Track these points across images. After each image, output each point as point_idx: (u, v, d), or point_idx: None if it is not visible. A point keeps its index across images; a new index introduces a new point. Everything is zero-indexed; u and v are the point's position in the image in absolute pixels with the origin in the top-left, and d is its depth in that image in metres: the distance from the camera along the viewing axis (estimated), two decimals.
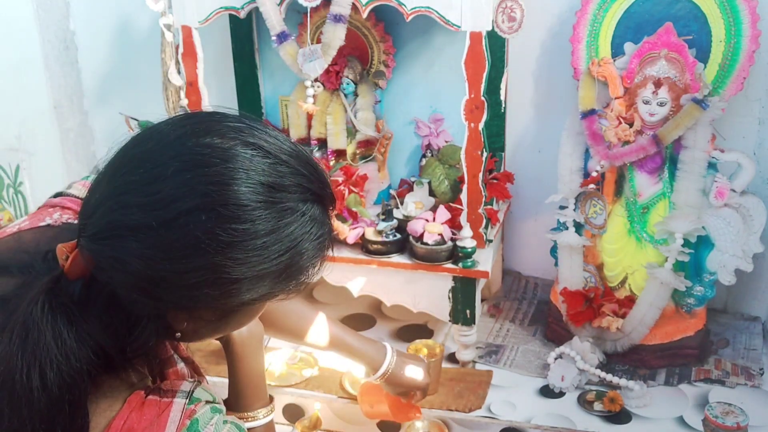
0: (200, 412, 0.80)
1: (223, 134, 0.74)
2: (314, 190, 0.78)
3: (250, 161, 0.73)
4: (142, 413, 0.78)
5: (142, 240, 0.71)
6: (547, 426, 1.54)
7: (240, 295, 0.75)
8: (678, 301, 1.70)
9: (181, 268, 0.72)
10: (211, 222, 0.71)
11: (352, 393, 1.65)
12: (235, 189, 0.71)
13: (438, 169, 1.81)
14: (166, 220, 0.71)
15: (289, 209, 0.75)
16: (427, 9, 1.51)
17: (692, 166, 1.60)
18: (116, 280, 0.74)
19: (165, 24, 1.76)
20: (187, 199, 0.71)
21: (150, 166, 0.73)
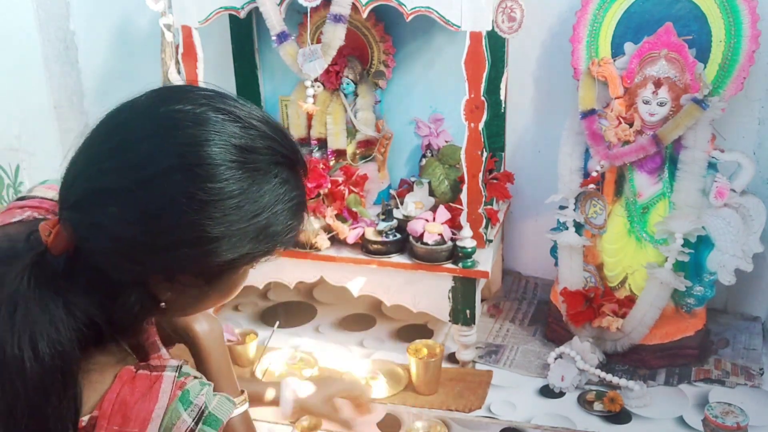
0: (190, 384, 0.82)
1: (194, 101, 0.77)
2: (285, 153, 0.80)
3: (222, 125, 0.76)
4: (134, 386, 0.79)
5: (120, 203, 0.73)
6: (547, 426, 1.54)
7: (219, 255, 0.76)
8: (678, 301, 1.70)
9: (159, 227, 0.74)
10: (187, 181, 0.73)
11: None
12: (207, 150, 0.74)
13: (438, 169, 1.81)
14: (143, 181, 0.73)
15: (261, 170, 0.77)
16: (427, 9, 1.51)
17: (692, 166, 1.60)
18: (98, 248, 0.75)
19: (165, 24, 1.76)
20: (162, 160, 0.73)
21: (124, 132, 0.76)
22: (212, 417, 0.82)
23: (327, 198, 1.74)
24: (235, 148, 0.75)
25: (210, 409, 0.82)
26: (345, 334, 1.92)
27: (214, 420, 0.82)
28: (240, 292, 1.78)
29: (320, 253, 1.71)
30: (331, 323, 1.97)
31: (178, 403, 0.80)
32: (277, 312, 2.01)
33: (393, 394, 1.65)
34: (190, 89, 0.80)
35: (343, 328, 1.95)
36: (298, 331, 1.93)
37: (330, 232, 1.71)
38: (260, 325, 1.95)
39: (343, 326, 1.95)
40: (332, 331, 1.93)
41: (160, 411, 0.78)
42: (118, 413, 0.77)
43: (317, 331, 1.93)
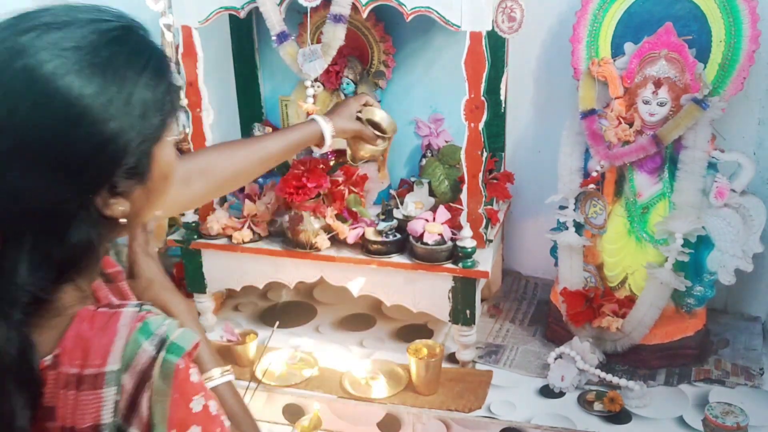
0: (151, 318, 0.81)
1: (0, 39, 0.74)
2: (114, 26, 0.78)
3: (40, 40, 0.73)
4: (93, 322, 0.79)
5: (16, 163, 0.73)
6: (547, 426, 1.54)
7: (127, 146, 0.76)
8: (678, 301, 1.70)
9: (64, 158, 0.74)
10: (53, 107, 0.72)
11: (352, 393, 1.65)
12: (48, 69, 0.72)
13: (438, 169, 1.81)
14: (18, 132, 0.72)
15: (104, 56, 0.75)
16: (427, 9, 1.50)
17: (692, 166, 1.60)
18: (24, 215, 0.75)
19: (165, 24, 1.76)
20: (19, 105, 0.72)
21: None
22: (175, 345, 0.80)
23: (327, 198, 1.75)
24: (69, 51, 0.74)
25: (172, 339, 0.80)
26: (345, 334, 1.92)
27: (177, 348, 0.80)
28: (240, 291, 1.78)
29: (320, 253, 1.71)
30: (331, 323, 1.97)
31: (138, 334, 0.78)
32: (276, 310, 2.01)
33: (393, 394, 1.65)
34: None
35: (343, 328, 1.95)
36: (298, 331, 1.93)
37: (330, 232, 1.71)
38: (260, 325, 1.95)
39: (343, 326, 1.95)
40: (332, 331, 1.93)
41: (120, 342, 0.77)
42: (78, 348, 0.77)
43: (317, 331, 1.93)
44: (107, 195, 0.78)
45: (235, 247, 1.76)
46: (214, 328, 1.93)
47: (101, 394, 0.77)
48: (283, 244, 1.76)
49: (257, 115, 2.03)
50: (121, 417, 0.77)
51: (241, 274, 1.83)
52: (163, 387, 0.78)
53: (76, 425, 0.77)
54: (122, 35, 0.79)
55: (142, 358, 0.78)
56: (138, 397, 0.77)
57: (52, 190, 0.75)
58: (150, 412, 0.78)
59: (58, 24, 0.75)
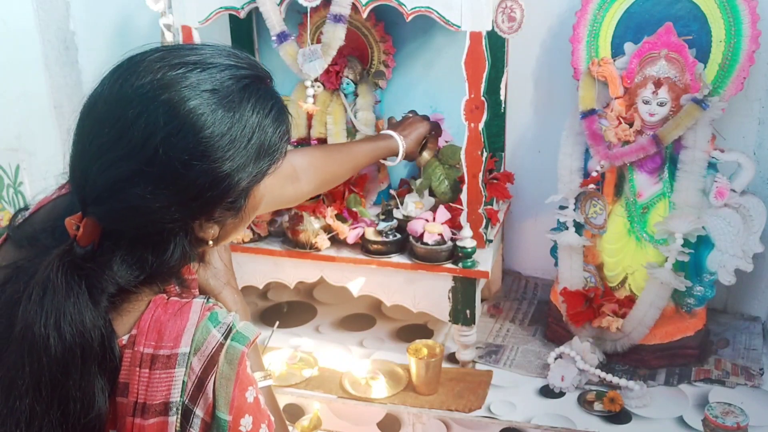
0: (218, 309, 0.90)
1: (150, 69, 0.83)
2: (247, 74, 0.88)
3: (185, 78, 0.83)
4: (166, 308, 0.88)
5: (139, 183, 0.81)
6: (547, 426, 1.54)
7: (238, 185, 0.86)
8: (678, 301, 1.70)
9: (181, 186, 0.82)
10: (183, 142, 0.81)
11: (352, 393, 1.65)
12: (186, 106, 0.82)
13: (438, 169, 1.81)
14: (149, 157, 0.81)
15: (235, 100, 0.85)
16: (427, 9, 1.50)
17: (692, 166, 1.60)
18: (135, 224, 0.84)
19: (165, 24, 1.76)
20: (154, 135, 0.81)
21: (111, 123, 0.82)
22: (239, 334, 0.89)
23: (327, 198, 1.75)
24: (207, 93, 0.83)
25: (238, 329, 0.89)
26: (345, 334, 1.92)
27: (241, 337, 0.88)
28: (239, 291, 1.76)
29: (320, 253, 1.71)
30: (331, 323, 1.97)
31: (207, 321, 0.87)
32: (280, 308, 2.02)
33: (393, 394, 1.65)
34: (139, 59, 0.86)
35: (343, 328, 1.95)
36: (298, 331, 1.93)
37: (330, 232, 1.71)
38: (260, 325, 1.95)
39: (343, 326, 1.95)
40: (332, 331, 1.93)
41: (191, 327, 0.86)
42: (153, 330, 0.85)
43: (317, 331, 1.93)
44: (204, 220, 0.89)
45: (235, 247, 1.76)
46: None
47: (173, 373, 0.85)
48: (283, 244, 1.76)
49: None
50: (188, 397, 0.85)
51: (241, 274, 1.83)
52: (228, 371, 0.86)
53: (147, 401, 0.84)
54: (252, 83, 0.89)
55: (210, 343, 0.86)
56: (205, 380, 0.85)
57: (163, 211, 0.83)
58: (214, 396, 0.86)
59: (202, 65, 0.85)
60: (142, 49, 0.88)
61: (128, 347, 0.85)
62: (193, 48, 0.88)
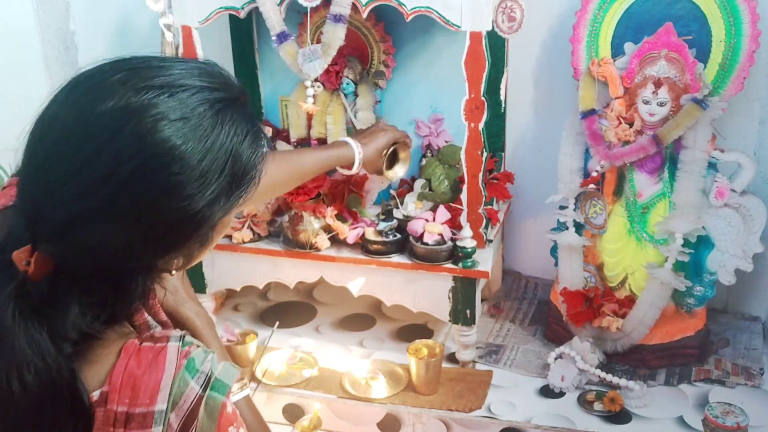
0: (195, 352, 0.83)
1: (113, 93, 0.75)
2: (220, 97, 0.79)
3: (152, 106, 0.74)
4: (139, 359, 0.80)
5: (99, 222, 0.74)
6: (547, 426, 1.54)
7: (209, 219, 0.79)
8: (678, 301, 1.70)
9: (147, 225, 0.76)
10: (150, 177, 0.74)
11: (352, 393, 1.65)
12: (153, 139, 0.74)
13: (438, 169, 1.81)
14: (112, 195, 0.73)
15: (207, 128, 0.77)
16: (427, 9, 1.50)
17: (692, 166, 1.60)
18: (91, 263, 0.77)
19: (165, 24, 1.76)
20: (118, 171, 0.73)
21: (67, 155, 0.74)
22: (219, 382, 0.83)
23: (327, 198, 1.74)
24: (178, 122, 0.75)
25: (216, 375, 0.83)
26: (345, 334, 1.92)
27: (221, 385, 0.83)
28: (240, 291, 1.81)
29: (320, 253, 1.71)
30: (331, 323, 1.97)
31: (184, 372, 0.81)
32: (278, 311, 2.02)
33: (393, 394, 1.65)
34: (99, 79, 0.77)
35: (343, 328, 1.95)
36: (298, 331, 1.93)
37: (330, 232, 1.71)
38: (260, 325, 1.95)
39: (343, 326, 1.95)
40: (332, 331, 1.93)
41: (168, 380, 0.79)
42: (127, 386, 0.79)
43: (317, 331, 1.93)
44: (169, 255, 0.82)
45: (235, 247, 1.76)
46: None
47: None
48: (283, 244, 1.76)
49: (257, 115, 2.02)
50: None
51: (241, 274, 1.83)
52: (208, 425, 0.81)
53: None
54: (226, 107, 0.80)
55: (189, 397, 0.80)
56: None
57: (126, 251, 0.76)
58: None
59: (171, 89, 0.76)
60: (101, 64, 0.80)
61: (100, 405, 0.79)
62: (161, 67, 0.79)
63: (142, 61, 0.80)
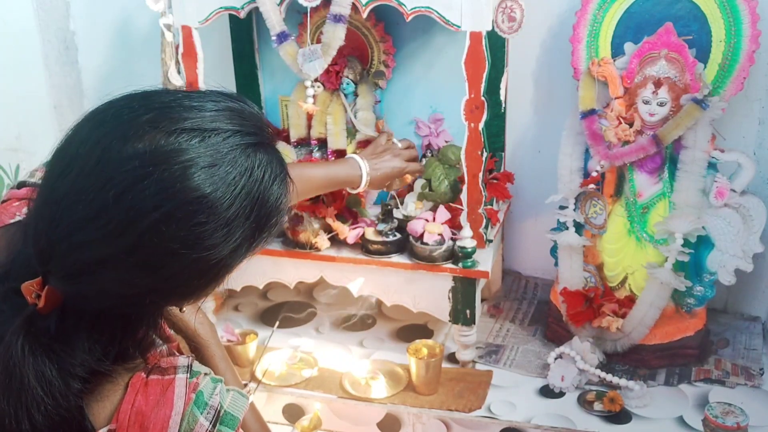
0: (203, 384, 0.81)
1: (141, 135, 0.71)
2: (251, 141, 0.76)
3: (183, 152, 0.70)
4: (147, 394, 0.78)
5: (116, 269, 0.71)
6: (547, 426, 1.54)
7: (228, 269, 0.77)
8: (678, 301, 1.70)
9: (165, 276, 0.72)
10: (173, 228, 0.70)
11: (352, 393, 1.65)
12: (182, 187, 0.70)
13: (438, 169, 1.81)
14: (130, 245, 0.70)
15: (237, 174, 0.73)
16: (427, 9, 1.50)
17: (692, 166, 1.60)
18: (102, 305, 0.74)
19: (165, 24, 1.76)
20: (140, 219, 0.69)
21: (88, 198, 0.70)
22: (229, 416, 0.82)
23: (327, 198, 1.74)
24: (206, 171, 0.71)
25: (226, 408, 0.82)
26: (345, 334, 1.91)
27: (231, 419, 0.82)
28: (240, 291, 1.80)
29: (320, 253, 1.71)
30: (331, 323, 1.96)
31: (193, 407, 0.79)
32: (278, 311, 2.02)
33: (393, 394, 1.65)
34: (128, 117, 0.72)
35: (343, 328, 1.95)
36: (298, 331, 1.93)
37: (330, 232, 1.71)
38: (260, 325, 1.95)
39: (343, 326, 1.95)
40: (332, 331, 1.93)
41: (177, 417, 0.78)
42: (135, 424, 0.77)
43: (317, 331, 1.93)
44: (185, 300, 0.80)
45: None
46: None
47: None
48: (283, 244, 1.76)
49: None
50: None
51: (241, 274, 1.83)
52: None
53: None
54: (256, 151, 0.76)
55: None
56: None
57: (140, 297, 0.73)
58: None
59: (204, 132, 0.72)
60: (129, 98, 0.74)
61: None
62: (192, 108, 0.74)
63: (172, 99, 0.75)
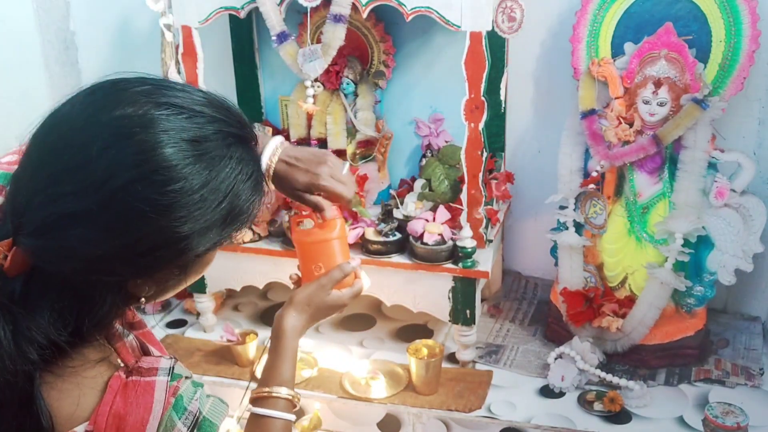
0: (183, 388, 0.81)
1: (134, 101, 0.74)
2: (234, 132, 0.79)
3: (168, 121, 0.74)
4: (126, 396, 0.78)
5: (85, 225, 0.72)
6: (547, 426, 1.54)
7: (193, 249, 0.77)
8: (678, 301, 1.70)
9: (131, 239, 0.73)
10: (148, 190, 0.72)
11: (352, 393, 1.65)
12: (161, 152, 0.72)
13: (438, 169, 1.81)
14: (104, 200, 0.71)
15: (216, 157, 0.76)
16: (427, 9, 1.50)
17: (692, 166, 1.60)
18: (67, 267, 0.74)
19: (165, 24, 1.76)
20: (118, 175, 0.71)
21: (71, 152, 0.72)
22: (207, 422, 0.82)
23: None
24: (187, 143, 0.74)
25: (204, 414, 0.82)
26: (345, 334, 1.92)
27: (209, 425, 0.82)
28: (240, 291, 1.78)
29: None
30: (331, 323, 1.96)
31: (172, 412, 0.79)
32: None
33: (393, 394, 1.65)
34: (123, 86, 0.76)
35: (343, 328, 1.95)
36: None
37: None
38: (260, 325, 1.95)
39: (343, 326, 1.95)
40: (332, 331, 1.93)
41: (154, 422, 0.78)
42: (112, 426, 0.77)
43: (317, 331, 1.93)
44: (143, 279, 0.79)
45: (235, 247, 1.76)
46: (214, 328, 1.93)
47: None
48: (283, 244, 1.76)
49: (257, 115, 2.03)
50: None
51: (241, 274, 1.83)
52: None
53: None
54: (238, 143, 0.79)
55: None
56: None
57: (102, 261, 0.73)
58: None
59: (190, 111, 0.76)
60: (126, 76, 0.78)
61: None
62: (185, 90, 0.78)
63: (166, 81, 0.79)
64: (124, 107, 0.73)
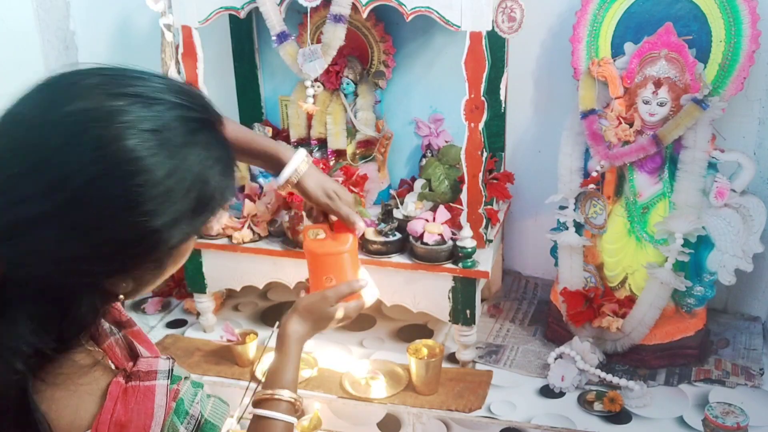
0: (183, 390, 0.81)
1: (86, 95, 0.71)
2: (197, 116, 0.76)
3: (126, 113, 0.71)
4: (127, 403, 0.77)
5: (51, 226, 0.69)
6: (547, 426, 1.54)
7: (166, 242, 0.74)
8: (678, 301, 1.70)
9: (100, 238, 0.71)
10: (111, 186, 0.69)
11: (352, 393, 1.65)
12: (121, 146, 0.69)
13: (438, 169, 1.81)
14: (67, 200, 0.69)
15: (179, 145, 0.73)
16: (427, 9, 1.51)
17: (692, 166, 1.60)
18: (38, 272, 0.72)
19: (165, 24, 1.76)
20: (79, 173, 0.69)
21: (26, 153, 0.70)
22: (209, 424, 0.82)
23: None
24: (147, 133, 0.71)
25: (206, 416, 0.82)
26: (345, 334, 1.91)
27: (211, 427, 0.82)
28: (240, 291, 1.76)
29: None
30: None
31: (174, 417, 0.79)
32: (278, 311, 2.02)
33: (393, 394, 1.65)
34: (74, 80, 0.73)
35: (343, 328, 1.94)
36: None
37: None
38: (260, 325, 1.95)
39: (343, 326, 1.95)
40: (332, 331, 1.92)
41: (156, 428, 0.77)
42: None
43: None
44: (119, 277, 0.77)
45: (235, 247, 1.76)
46: (214, 328, 1.93)
47: None
48: (283, 244, 1.76)
49: (257, 115, 2.03)
50: None
51: (241, 274, 1.83)
52: None
53: None
54: (202, 128, 0.76)
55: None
56: None
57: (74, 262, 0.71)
58: None
59: (147, 100, 0.72)
60: (78, 68, 0.75)
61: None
62: (140, 77, 0.75)
63: (121, 70, 0.76)
64: (76, 102, 0.70)
